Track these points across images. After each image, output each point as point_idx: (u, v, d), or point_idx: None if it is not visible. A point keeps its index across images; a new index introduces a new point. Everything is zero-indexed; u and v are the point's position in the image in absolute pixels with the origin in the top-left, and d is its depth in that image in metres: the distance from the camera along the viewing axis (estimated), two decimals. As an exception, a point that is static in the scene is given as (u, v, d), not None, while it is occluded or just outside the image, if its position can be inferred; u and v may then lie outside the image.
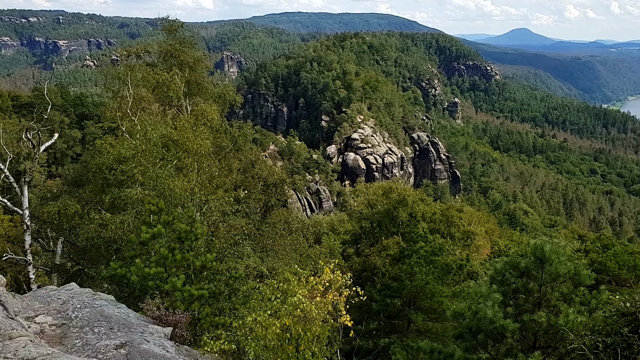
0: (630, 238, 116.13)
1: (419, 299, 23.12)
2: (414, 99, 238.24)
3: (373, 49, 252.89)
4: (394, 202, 40.75)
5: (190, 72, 31.08)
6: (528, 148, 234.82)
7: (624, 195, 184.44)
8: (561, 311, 14.21)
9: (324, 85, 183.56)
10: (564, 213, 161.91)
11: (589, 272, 15.56)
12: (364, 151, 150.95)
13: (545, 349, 15.04)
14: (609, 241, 40.20)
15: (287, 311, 10.70)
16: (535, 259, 15.06)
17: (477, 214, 73.85)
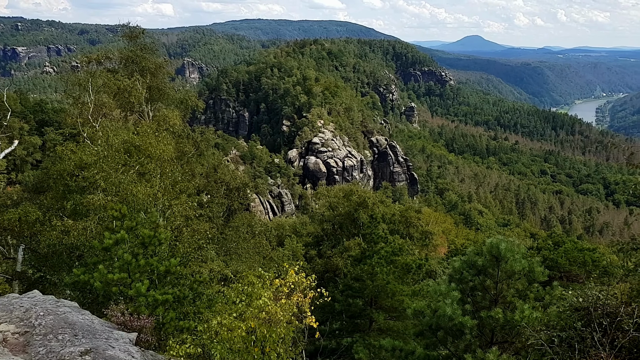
0: (580, 235, 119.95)
1: (381, 298, 23.30)
2: (373, 104, 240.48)
3: (332, 55, 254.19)
4: (354, 204, 41.02)
5: (151, 78, 30.63)
6: (482, 150, 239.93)
7: (573, 195, 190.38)
8: (517, 307, 14.57)
9: (284, 91, 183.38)
10: (516, 212, 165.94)
11: (542, 269, 16.02)
12: (325, 155, 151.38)
13: (502, 344, 15.37)
14: (559, 239, 41.34)
15: (253, 314, 10.66)
16: (491, 257, 15.38)
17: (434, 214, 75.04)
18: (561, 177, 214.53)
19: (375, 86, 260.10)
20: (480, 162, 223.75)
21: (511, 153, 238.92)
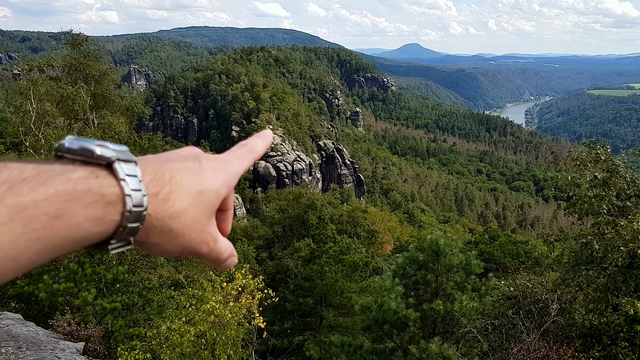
0: (513, 229, 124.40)
1: (330, 296, 23.41)
2: (319, 109, 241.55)
3: (279, 62, 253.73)
4: (304, 206, 41.13)
5: (96, 86, 29.63)
6: (422, 152, 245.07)
7: (507, 192, 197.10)
8: (456, 298, 14.98)
9: (233, 97, 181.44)
10: (455, 209, 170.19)
11: (478, 262, 16.53)
12: (274, 159, 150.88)
13: (444, 334, 15.75)
14: (495, 233, 42.78)
15: (202, 317, 10.49)
16: (431, 253, 15.75)
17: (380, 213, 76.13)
18: (495, 176, 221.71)
19: (321, 92, 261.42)
20: (421, 163, 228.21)
21: (449, 154, 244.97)
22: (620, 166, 10.54)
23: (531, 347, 8.02)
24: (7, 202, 0.51)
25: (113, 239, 0.62)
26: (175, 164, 0.73)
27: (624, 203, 9.99)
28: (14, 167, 0.54)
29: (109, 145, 0.64)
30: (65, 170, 0.58)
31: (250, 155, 0.93)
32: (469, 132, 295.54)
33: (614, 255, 8.15)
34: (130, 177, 0.63)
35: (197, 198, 0.71)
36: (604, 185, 10.20)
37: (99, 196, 0.59)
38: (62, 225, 0.54)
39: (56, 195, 0.55)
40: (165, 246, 0.70)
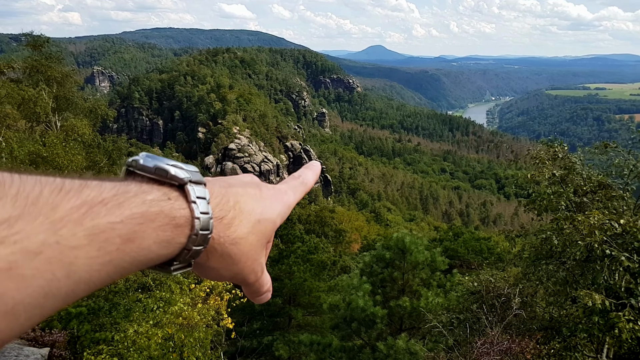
0: (477, 226, 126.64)
1: (299, 296, 23.40)
2: (286, 110, 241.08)
3: (245, 63, 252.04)
4: (271, 207, 40.94)
5: (58, 88, 28.86)
6: (388, 152, 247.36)
7: (469, 190, 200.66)
8: (422, 295, 15.20)
9: (199, 98, 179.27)
10: (421, 208, 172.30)
11: (443, 259, 16.81)
12: (242, 160, 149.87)
13: (411, 330, 15.95)
14: (459, 230, 43.50)
15: (170, 320, 10.35)
16: (398, 251, 15.92)
17: (347, 213, 76.57)
18: (459, 174, 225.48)
19: (287, 93, 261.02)
20: (387, 162, 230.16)
21: (414, 154, 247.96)
22: (576, 164, 10.89)
23: (494, 340, 8.20)
24: (86, 224, 0.51)
25: (176, 260, 0.63)
26: (239, 189, 0.73)
27: (581, 199, 10.33)
28: (94, 187, 0.55)
29: (182, 166, 0.64)
30: (141, 192, 0.58)
31: (303, 187, 0.91)
32: (433, 132, 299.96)
33: (572, 249, 8.40)
34: (200, 200, 0.63)
35: (256, 226, 0.71)
36: (561, 182, 10.53)
37: (169, 218, 0.59)
38: (133, 248, 0.55)
39: (131, 218, 0.55)
40: (221, 271, 0.71)
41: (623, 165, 10.54)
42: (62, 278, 0.47)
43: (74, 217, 0.50)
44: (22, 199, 0.47)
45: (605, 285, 8.47)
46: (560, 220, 8.70)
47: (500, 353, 7.75)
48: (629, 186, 10.52)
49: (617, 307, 8.02)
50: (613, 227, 8.13)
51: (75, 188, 0.53)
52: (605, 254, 7.98)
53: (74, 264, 0.49)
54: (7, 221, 0.45)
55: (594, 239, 7.97)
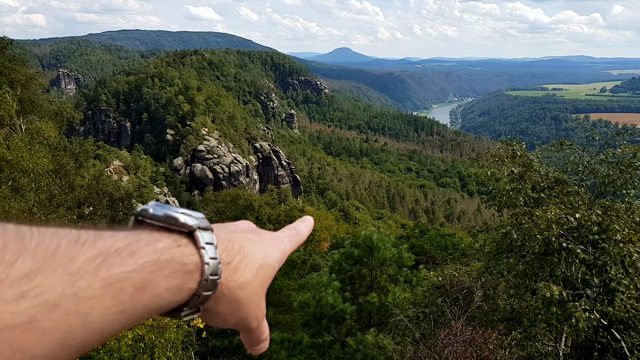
0: (442, 223, 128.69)
1: (269, 295, 22.99)
2: (255, 112, 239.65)
3: (213, 65, 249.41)
4: (241, 207, 40.74)
5: (22, 90, 28.03)
6: (356, 152, 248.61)
7: (435, 188, 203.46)
8: (389, 290, 15.36)
9: (167, 100, 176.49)
10: (388, 206, 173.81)
11: (409, 255, 17.02)
12: (211, 162, 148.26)
13: (379, 325, 16.10)
14: (425, 227, 44.22)
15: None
16: (366, 248, 16.05)
17: (316, 212, 76.65)
18: (424, 173, 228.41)
19: (256, 95, 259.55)
20: (355, 162, 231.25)
21: (381, 153, 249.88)
22: (534, 161, 11.21)
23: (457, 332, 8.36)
24: (102, 274, 0.51)
25: (186, 306, 0.63)
26: (241, 235, 0.74)
27: (539, 195, 10.62)
28: (107, 237, 0.55)
29: (191, 213, 0.65)
30: (152, 240, 0.59)
31: (298, 238, 0.94)
32: (399, 132, 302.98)
33: (531, 243, 8.63)
34: (209, 245, 0.64)
35: (259, 271, 0.72)
36: (520, 179, 10.81)
37: (180, 265, 0.60)
38: (145, 296, 0.55)
39: (143, 266, 0.55)
40: (227, 316, 0.71)
41: (578, 162, 10.90)
42: (78, 329, 0.48)
43: (90, 267, 0.51)
44: (42, 251, 0.48)
45: (563, 277, 8.73)
46: (519, 216, 8.93)
47: (463, 344, 7.91)
48: (583, 182, 10.89)
49: (574, 298, 8.27)
50: (569, 221, 8.39)
51: (90, 239, 0.53)
52: (562, 247, 8.23)
53: (90, 314, 0.49)
54: (28, 275, 0.46)
55: (551, 232, 8.21)
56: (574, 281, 8.55)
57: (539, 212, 8.54)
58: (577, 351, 8.98)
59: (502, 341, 9.47)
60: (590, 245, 8.38)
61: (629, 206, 9.73)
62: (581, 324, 7.62)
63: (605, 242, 8.17)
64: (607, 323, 7.95)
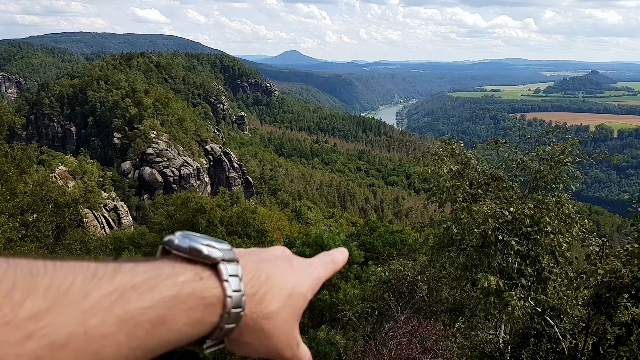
0: (390, 220, 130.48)
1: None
2: (205, 114, 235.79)
3: (161, 67, 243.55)
4: (192, 210, 39.87)
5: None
6: (306, 153, 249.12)
7: (383, 186, 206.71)
8: (340, 287, 15.51)
9: (113, 103, 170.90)
10: (339, 205, 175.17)
11: (359, 252, 17.24)
12: (160, 165, 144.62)
13: (331, 322, 16.22)
14: (374, 224, 44.70)
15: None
16: (317, 246, 16.13)
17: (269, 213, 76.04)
18: (373, 172, 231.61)
19: (205, 97, 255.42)
20: (306, 163, 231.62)
21: (331, 154, 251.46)
22: (471, 159, 11.62)
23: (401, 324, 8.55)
24: (116, 311, 0.50)
25: (209, 338, 0.62)
26: (270, 264, 0.72)
27: (476, 191, 11.01)
28: (127, 271, 0.54)
29: (215, 245, 0.64)
30: (173, 274, 0.58)
31: (332, 265, 0.90)
32: (348, 133, 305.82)
33: (470, 237, 8.93)
34: (233, 278, 0.62)
35: (287, 300, 0.70)
36: (458, 176, 11.17)
37: (200, 299, 0.58)
38: (163, 331, 0.54)
39: (162, 301, 0.54)
40: (254, 346, 0.69)
41: (511, 159, 11.38)
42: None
43: (104, 304, 0.49)
44: (54, 289, 0.47)
45: (499, 267, 9.08)
46: (458, 211, 9.23)
47: (406, 335, 8.09)
48: (517, 178, 11.38)
49: (510, 287, 8.62)
50: (504, 215, 8.74)
51: (108, 274, 0.52)
52: (498, 239, 8.56)
53: (102, 352, 0.48)
54: (36, 315, 0.45)
55: (488, 226, 8.53)
56: (509, 271, 8.91)
57: (476, 207, 8.85)
58: (515, 338, 9.35)
59: (446, 331, 9.75)
60: (524, 237, 8.75)
61: (559, 200, 10.25)
62: (517, 312, 7.93)
63: (537, 234, 8.56)
64: (540, 310, 8.31)
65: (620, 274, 6.65)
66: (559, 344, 8.43)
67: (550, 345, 8.54)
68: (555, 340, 8.54)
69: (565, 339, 8.50)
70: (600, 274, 6.91)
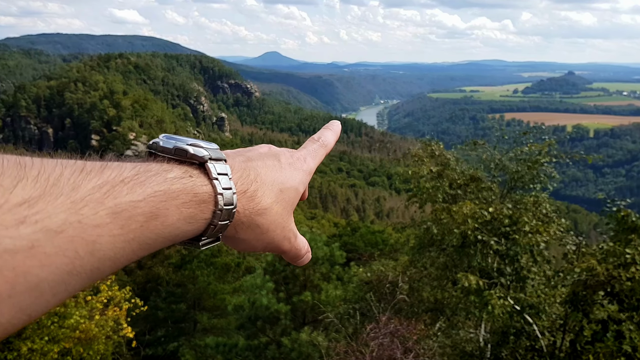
0: (372, 220, 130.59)
1: (203, 300, 22.93)
2: (184, 115, 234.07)
3: (139, 69, 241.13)
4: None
5: None
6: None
7: (365, 187, 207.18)
8: (322, 288, 15.53)
9: (91, 105, 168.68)
10: (321, 206, 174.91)
11: (341, 253, 17.28)
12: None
13: (313, 323, 16.23)
14: (356, 225, 44.71)
15: (66, 334, 9.70)
16: (298, 248, 16.11)
17: (250, 215, 75.68)
18: (354, 173, 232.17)
19: (185, 98, 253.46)
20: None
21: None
22: (451, 160, 11.75)
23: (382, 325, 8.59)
24: (108, 203, 0.49)
25: (204, 235, 0.62)
26: (258, 162, 0.73)
27: (455, 191, 11.14)
28: (114, 167, 0.53)
29: (201, 144, 0.64)
30: (162, 170, 0.57)
31: (322, 150, 0.92)
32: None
33: (450, 237, 9.02)
34: (222, 176, 0.62)
35: (279, 196, 0.72)
36: (438, 177, 11.29)
37: (192, 195, 0.58)
38: (157, 225, 0.53)
39: (153, 196, 0.54)
40: (252, 242, 0.71)
41: (490, 160, 11.55)
42: (86, 256, 0.47)
43: (96, 196, 0.49)
44: (43, 179, 0.46)
45: (479, 267, 9.20)
46: (438, 211, 9.34)
47: (388, 335, 8.14)
48: (495, 178, 11.55)
49: (490, 286, 8.74)
50: (483, 215, 8.86)
51: (96, 169, 0.52)
52: (478, 239, 8.68)
53: (97, 242, 0.48)
54: (27, 201, 0.44)
55: (467, 226, 8.64)
56: (489, 271, 9.03)
57: (456, 207, 8.96)
58: (495, 336, 9.48)
59: (427, 331, 9.83)
60: (503, 237, 8.88)
61: (536, 199, 10.42)
62: (497, 310, 8.05)
63: (515, 234, 8.70)
64: (520, 308, 8.43)
65: (596, 272, 6.79)
66: (537, 341, 8.57)
67: (529, 343, 8.66)
68: (534, 338, 8.67)
69: (544, 336, 8.64)
70: (576, 273, 7.04)
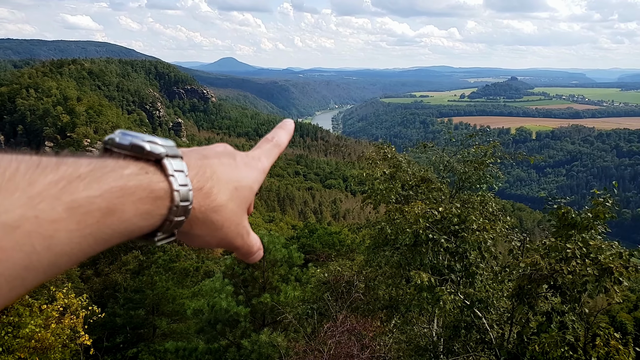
0: (329, 222, 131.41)
1: (162, 305, 22.34)
2: (140, 121, 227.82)
3: (93, 74, 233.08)
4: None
5: None
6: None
7: (321, 189, 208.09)
8: (281, 290, 15.40)
9: (44, 111, 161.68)
10: (279, 209, 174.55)
11: (299, 254, 17.20)
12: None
13: (273, 324, 16.07)
14: (313, 227, 44.77)
15: (21, 344, 9.21)
16: (257, 250, 15.93)
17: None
18: (311, 176, 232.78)
19: (141, 104, 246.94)
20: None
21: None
22: (402, 162, 11.91)
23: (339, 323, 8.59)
24: (64, 199, 0.48)
25: (159, 231, 0.61)
26: (214, 160, 0.73)
27: (407, 192, 11.29)
28: (70, 163, 0.53)
29: (157, 141, 0.63)
30: (118, 167, 0.56)
31: (276, 149, 0.92)
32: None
33: (403, 236, 9.11)
34: (178, 173, 0.62)
35: (234, 193, 0.72)
36: (391, 179, 11.41)
37: (148, 191, 0.58)
38: (113, 220, 0.53)
39: (109, 192, 0.53)
40: (206, 238, 0.70)
41: (439, 162, 11.78)
42: (43, 251, 0.46)
43: (52, 192, 0.48)
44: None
45: (431, 264, 9.33)
46: (391, 212, 9.42)
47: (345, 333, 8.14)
48: (444, 179, 11.79)
49: (441, 283, 8.87)
50: (433, 215, 9.00)
51: (52, 165, 0.51)
52: (429, 238, 8.80)
53: (54, 237, 0.47)
54: None
55: (419, 226, 8.75)
56: (440, 268, 9.17)
57: (408, 208, 9.06)
58: (447, 330, 9.62)
59: (383, 327, 9.90)
60: (452, 235, 9.05)
61: (483, 198, 10.70)
62: (448, 306, 8.17)
63: (464, 232, 8.88)
64: (469, 303, 8.60)
65: (539, 267, 7.01)
66: (487, 334, 8.76)
67: (480, 336, 8.85)
68: (483, 331, 8.86)
69: (493, 329, 8.85)
70: (521, 267, 7.24)
